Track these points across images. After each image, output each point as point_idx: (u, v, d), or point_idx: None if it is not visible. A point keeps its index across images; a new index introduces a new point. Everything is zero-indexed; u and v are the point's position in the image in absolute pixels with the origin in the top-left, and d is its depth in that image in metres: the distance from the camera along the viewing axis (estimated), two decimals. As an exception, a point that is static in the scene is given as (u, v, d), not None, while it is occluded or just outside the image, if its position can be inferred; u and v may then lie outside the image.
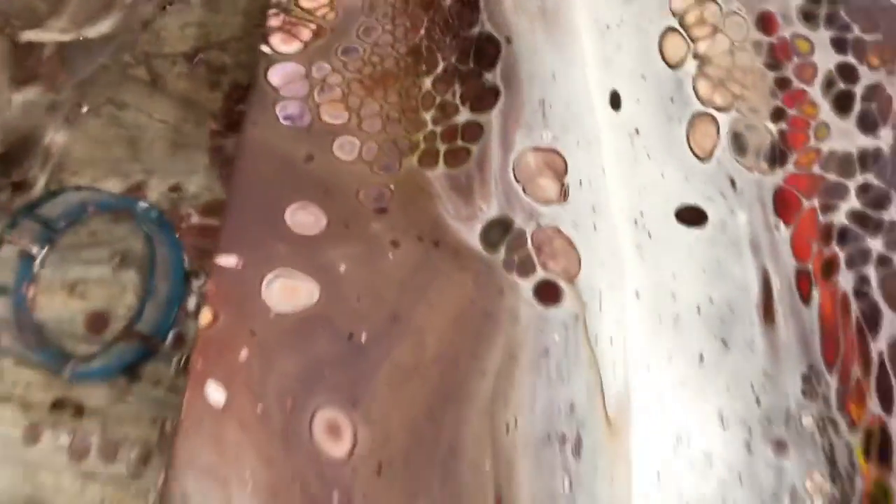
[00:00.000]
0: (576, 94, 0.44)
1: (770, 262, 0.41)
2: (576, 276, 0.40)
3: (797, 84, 0.44)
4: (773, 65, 0.44)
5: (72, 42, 0.50)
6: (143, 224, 0.44)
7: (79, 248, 0.46)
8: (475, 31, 0.45)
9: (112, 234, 0.46)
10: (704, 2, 0.46)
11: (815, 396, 0.39)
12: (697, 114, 0.43)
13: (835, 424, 0.38)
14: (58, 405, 0.43)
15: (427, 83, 0.44)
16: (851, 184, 0.42)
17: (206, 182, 0.47)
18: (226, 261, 0.39)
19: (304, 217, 0.40)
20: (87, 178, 0.47)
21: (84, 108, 0.49)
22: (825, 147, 0.43)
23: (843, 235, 0.41)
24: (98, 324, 0.44)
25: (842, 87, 0.44)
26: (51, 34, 0.50)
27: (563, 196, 0.42)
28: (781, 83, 0.44)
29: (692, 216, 0.42)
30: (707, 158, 0.43)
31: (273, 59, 0.44)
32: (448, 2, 0.46)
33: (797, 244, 0.41)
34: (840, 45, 0.44)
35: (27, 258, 0.45)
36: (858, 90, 0.43)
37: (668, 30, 0.45)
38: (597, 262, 0.41)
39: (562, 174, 0.42)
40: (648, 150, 0.43)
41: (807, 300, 0.40)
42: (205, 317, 0.38)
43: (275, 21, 0.45)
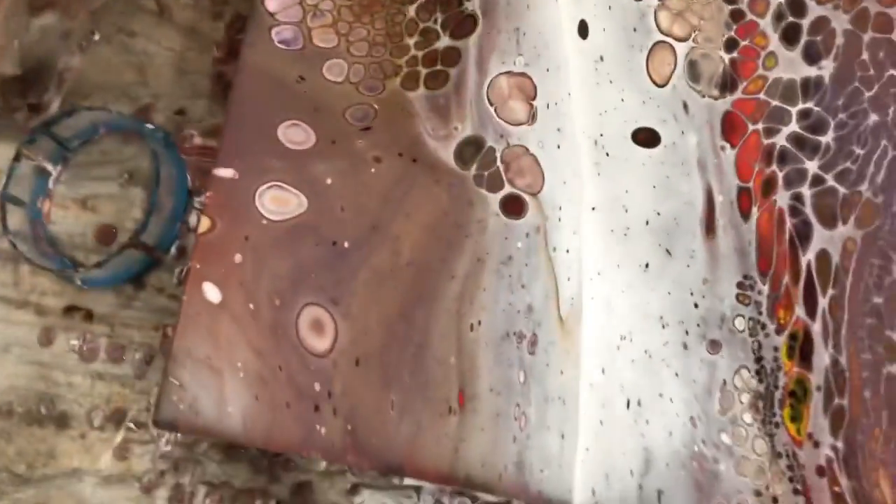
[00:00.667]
0: (548, 24, 0.44)
1: (715, 181, 0.42)
2: (539, 191, 0.42)
3: (750, 16, 0.44)
4: (729, -2, 0.44)
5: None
6: (150, 144, 0.45)
7: (90, 166, 0.47)
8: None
9: (121, 154, 0.47)
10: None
11: (749, 302, 0.41)
12: (657, 42, 0.44)
13: (764, 327, 0.40)
14: (70, 310, 0.45)
15: (411, 11, 0.44)
16: (793, 110, 0.43)
17: (209, 106, 0.47)
18: (223, 172, 0.41)
19: (296, 133, 0.42)
20: (99, 102, 0.47)
21: (96, 36, 0.49)
22: (772, 75, 0.43)
23: (783, 157, 0.42)
24: (107, 236, 0.46)
25: (791, 20, 0.44)
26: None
27: (532, 118, 0.43)
28: (736, 15, 0.44)
29: (647, 137, 0.43)
30: (664, 84, 0.43)
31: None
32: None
33: (741, 164, 0.42)
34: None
35: (43, 174, 0.46)
36: (805, 23, 0.44)
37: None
38: (558, 179, 0.42)
39: (531, 97, 0.43)
40: (611, 76, 0.43)
41: (746, 215, 0.42)
42: (203, 223, 0.40)
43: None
